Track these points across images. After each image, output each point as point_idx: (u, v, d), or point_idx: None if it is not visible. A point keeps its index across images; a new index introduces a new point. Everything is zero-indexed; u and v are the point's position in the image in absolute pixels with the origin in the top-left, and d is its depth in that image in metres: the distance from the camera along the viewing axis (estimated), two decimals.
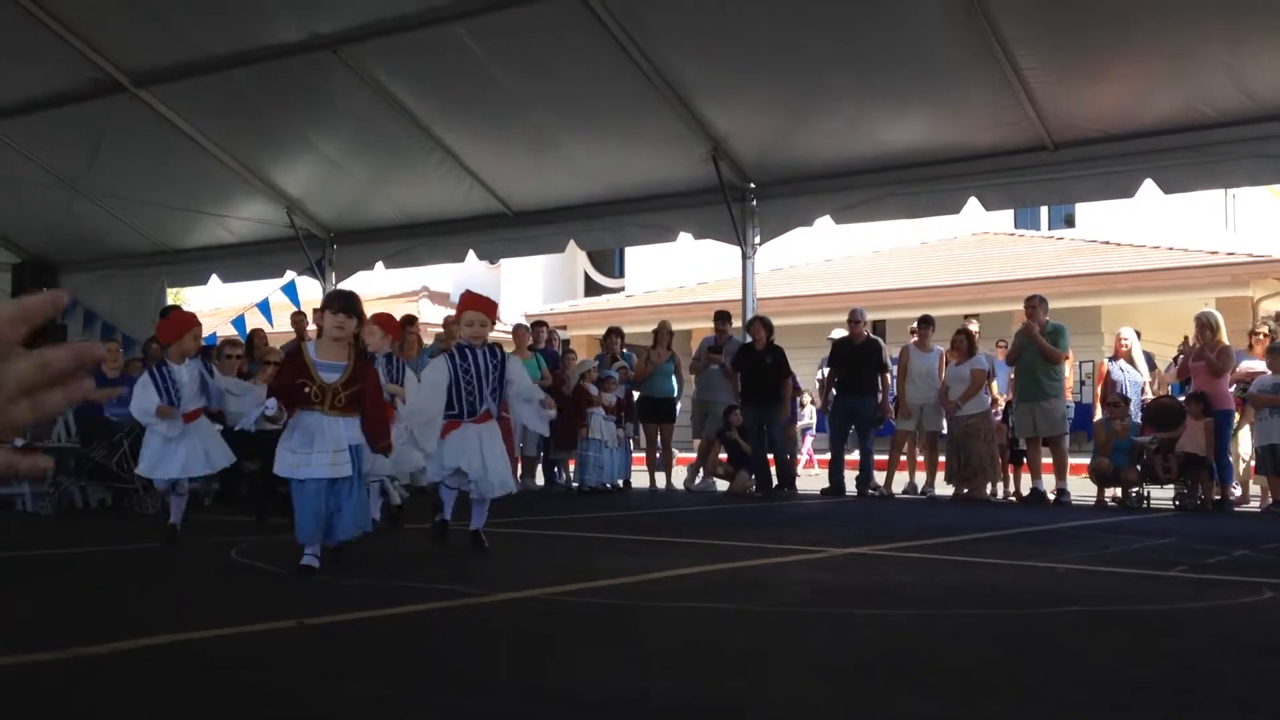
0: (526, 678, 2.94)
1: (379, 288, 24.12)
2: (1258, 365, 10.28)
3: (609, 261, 30.34)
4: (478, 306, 5.78)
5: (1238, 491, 10.38)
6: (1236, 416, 10.25)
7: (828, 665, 3.17)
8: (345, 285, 14.35)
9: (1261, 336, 10.55)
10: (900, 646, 3.47)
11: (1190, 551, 6.10)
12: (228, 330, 14.07)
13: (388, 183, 12.64)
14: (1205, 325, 10.07)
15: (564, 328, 21.24)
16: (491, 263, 16.96)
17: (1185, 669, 3.18)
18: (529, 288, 29.12)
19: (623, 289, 28.45)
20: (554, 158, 11.62)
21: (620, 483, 11.82)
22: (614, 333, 12.46)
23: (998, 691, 2.88)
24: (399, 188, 12.67)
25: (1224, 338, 10.05)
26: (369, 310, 14.60)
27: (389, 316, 7.21)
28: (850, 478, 11.24)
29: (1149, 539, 6.87)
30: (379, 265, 13.84)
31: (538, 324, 13.45)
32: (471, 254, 13.16)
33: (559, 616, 3.99)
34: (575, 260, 28.92)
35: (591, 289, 30.13)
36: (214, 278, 14.54)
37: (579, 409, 11.69)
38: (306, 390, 4.92)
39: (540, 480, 12.46)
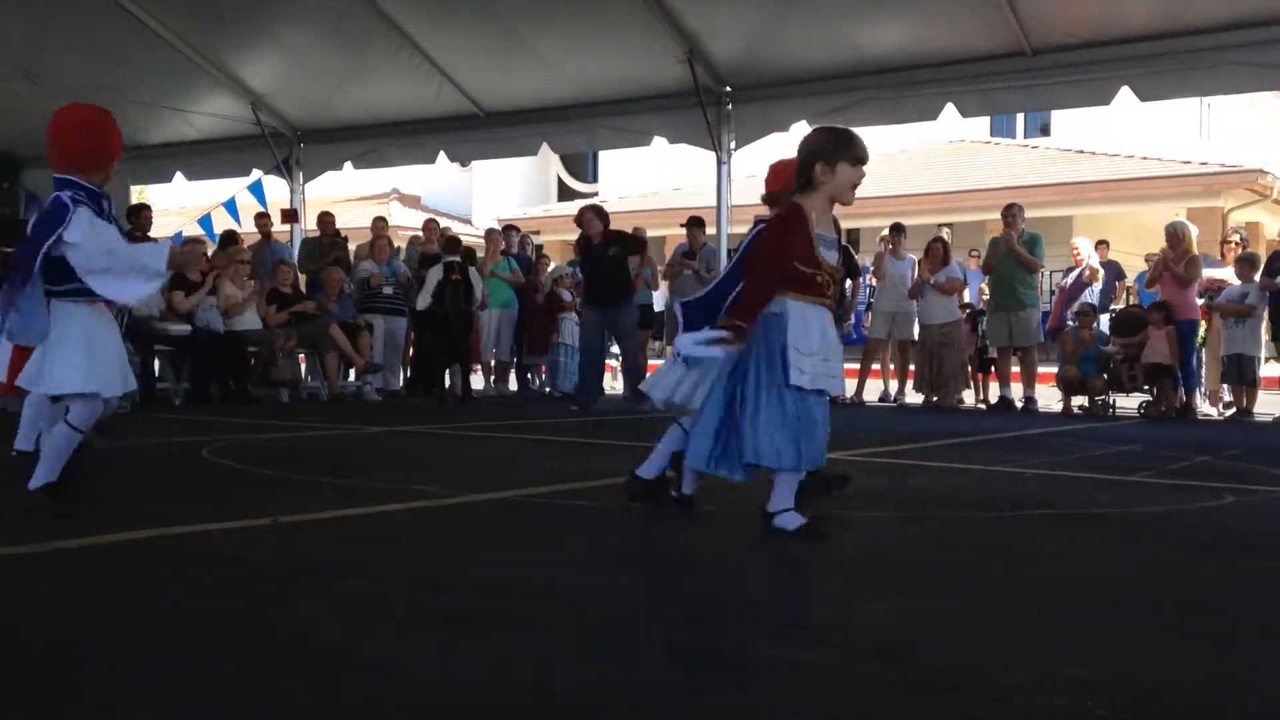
0: (500, 578, 2.96)
1: (347, 189, 23.77)
2: (1222, 273, 10.36)
3: (582, 166, 30.01)
4: None
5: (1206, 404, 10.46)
6: (1203, 326, 10.35)
7: (801, 564, 3.22)
8: (313, 185, 14.11)
9: (1233, 245, 10.60)
10: (872, 547, 3.53)
11: (1153, 458, 6.21)
12: (194, 230, 13.85)
13: (355, 80, 12.34)
14: (1174, 235, 10.12)
15: (537, 233, 21.07)
16: (463, 165, 16.71)
17: (1147, 570, 3.25)
18: (503, 192, 28.80)
19: (596, 194, 28.18)
20: (526, 57, 11.37)
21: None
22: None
23: (967, 589, 2.94)
24: (367, 85, 12.38)
25: (1193, 248, 10.10)
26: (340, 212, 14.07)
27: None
28: None
29: (1114, 445, 6.99)
30: (347, 165, 13.61)
31: (509, 228, 13.34)
32: (442, 155, 12.96)
33: (531, 518, 4.02)
34: (549, 165, 28.59)
35: (565, 194, 29.82)
36: (178, 175, 14.26)
37: (551, 315, 11.66)
38: (819, 279, 3.55)
39: (513, 385, 12.49)
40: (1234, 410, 9.87)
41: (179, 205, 24.80)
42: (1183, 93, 10.61)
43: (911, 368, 11.30)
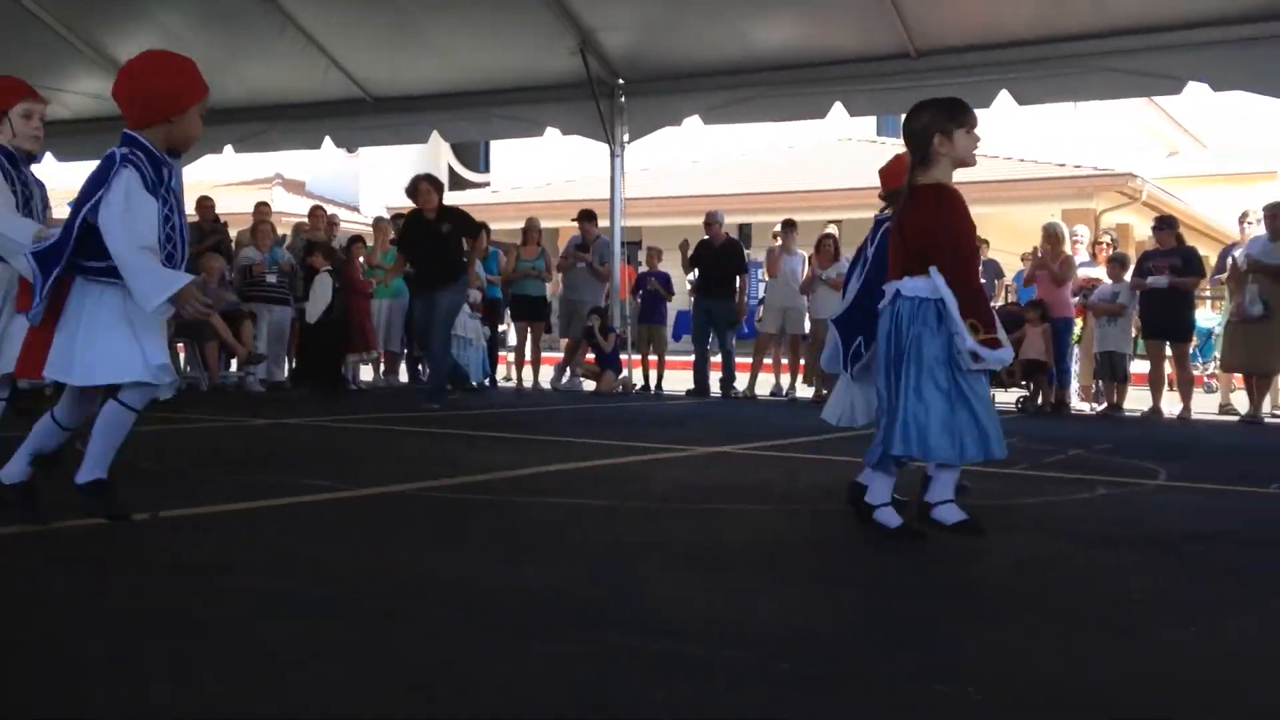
0: (400, 573, 2.91)
1: (228, 173, 23.06)
2: (1095, 272, 10.79)
3: (474, 155, 29.65)
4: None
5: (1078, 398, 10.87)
6: (1078, 324, 10.76)
7: (694, 557, 3.24)
8: (191, 168, 13.62)
9: (1104, 246, 11.05)
10: (763, 540, 3.58)
11: (1030, 451, 6.42)
12: (64, 212, 13.26)
13: (236, 61, 11.96)
14: (1050, 236, 10.49)
15: None
16: (350, 151, 16.36)
17: (1023, 560, 3.37)
18: (393, 180, 28.23)
19: (488, 184, 27.90)
20: (416, 43, 11.20)
21: (485, 380, 11.75)
22: (480, 228, 12.25)
23: (851, 580, 3.00)
24: (249, 67, 12.01)
25: (1067, 249, 10.49)
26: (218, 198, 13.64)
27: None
28: (715, 379, 11.44)
29: None
30: (228, 149, 13.20)
31: (398, 217, 13.11)
32: (328, 141, 12.68)
33: (427, 511, 3.96)
34: (439, 153, 28.15)
35: (457, 183, 29.41)
36: (49, 156, 13.63)
37: None
38: None
39: (404, 377, 12.30)
40: (1106, 406, 10.28)
41: (49, 187, 23.67)
42: (1059, 97, 11.01)
43: (803, 362, 11.48)
